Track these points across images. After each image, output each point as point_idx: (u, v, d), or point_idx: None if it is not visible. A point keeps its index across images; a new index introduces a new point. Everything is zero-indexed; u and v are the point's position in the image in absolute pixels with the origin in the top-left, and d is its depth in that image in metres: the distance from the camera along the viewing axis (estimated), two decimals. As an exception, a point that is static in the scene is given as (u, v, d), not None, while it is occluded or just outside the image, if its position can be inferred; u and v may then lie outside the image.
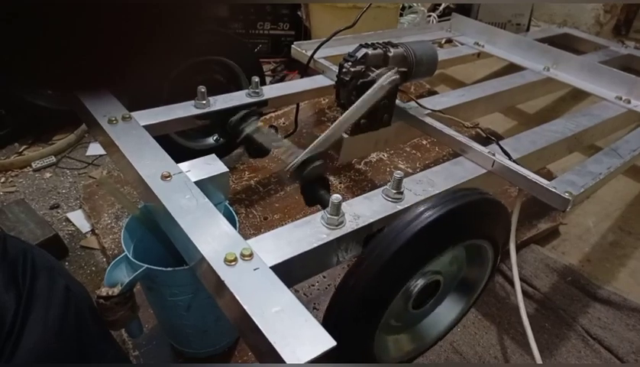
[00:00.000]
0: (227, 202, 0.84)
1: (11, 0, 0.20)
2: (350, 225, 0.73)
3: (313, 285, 1.06)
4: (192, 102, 1.07)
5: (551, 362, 0.94)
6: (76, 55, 0.23)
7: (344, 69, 1.01)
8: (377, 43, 1.06)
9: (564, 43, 2.17)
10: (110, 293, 0.68)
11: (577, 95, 1.91)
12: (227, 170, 0.83)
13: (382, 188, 0.82)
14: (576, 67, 1.59)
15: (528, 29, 2.50)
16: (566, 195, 0.86)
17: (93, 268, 1.12)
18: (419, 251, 0.68)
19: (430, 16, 2.49)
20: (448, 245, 0.70)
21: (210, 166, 0.84)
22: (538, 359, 0.84)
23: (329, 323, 0.67)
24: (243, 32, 2.07)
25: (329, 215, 0.72)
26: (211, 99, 1.09)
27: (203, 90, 1.07)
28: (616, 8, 2.50)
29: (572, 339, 0.99)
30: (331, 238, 0.70)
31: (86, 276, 1.10)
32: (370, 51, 1.01)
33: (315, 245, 0.69)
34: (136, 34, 0.24)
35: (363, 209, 0.77)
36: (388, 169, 1.45)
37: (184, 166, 0.82)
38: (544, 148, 1.07)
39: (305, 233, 0.71)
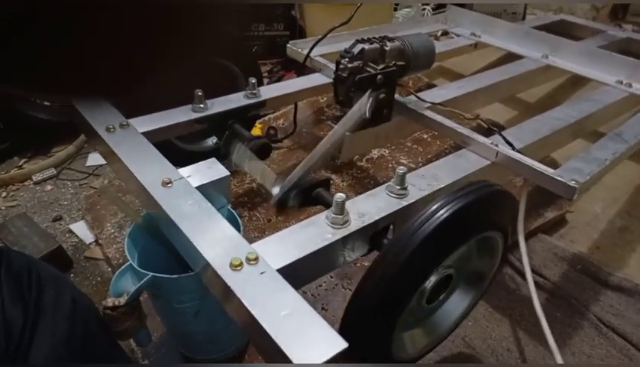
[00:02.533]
0: (230, 206, 0.83)
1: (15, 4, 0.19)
2: (355, 224, 0.72)
3: (320, 285, 1.05)
4: (190, 106, 1.06)
5: (567, 355, 0.93)
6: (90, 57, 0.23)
7: (341, 66, 1.00)
8: (374, 38, 1.04)
9: (562, 30, 2.15)
10: (116, 303, 0.67)
11: (578, 82, 1.90)
12: (229, 173, 0.82)
13: (385, 185, 0.81)
14: (575, 53, 1.58)
15: (524, 18, 2.48)
16: (572, 183, 0.84)
17: (99, 279, 1.12)
18: (435, 250, 0.67)
19: (424, 9, 2.48)
20: (463, 241, 0.70)
21: (211, 170, 0.83)
22: (554, 349, 0.83)
23: (347, 329, 0.66)
24: (237, 34, 2.06)
25: (334, 215, 0.71)
26: (208, 102, 1.08)
27: (200, 94, 1.06)
28: None
29: (585, 327, 0.98)
30: (337, 237, 0.69)
31: (92, 287, 1.10)
32: (367, 46, 1.00)
33: (321, 245, 0.68)
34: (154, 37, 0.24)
35: (368, 207, 0.76)
36: (390, 165, 1.44)
37: (185, 171, 0.81)
38: (547, 136, 1.06)
39: (310, 234, 0.70)
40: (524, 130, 1.06)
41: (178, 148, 1.22)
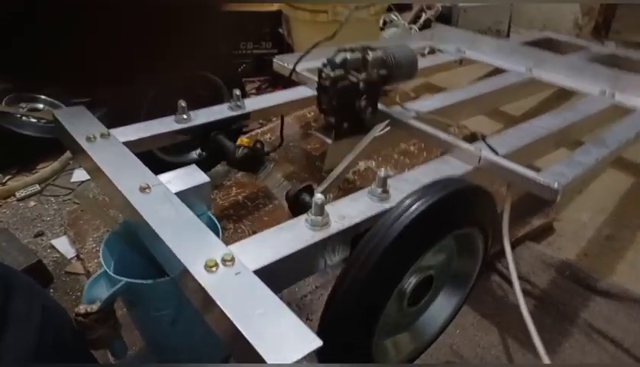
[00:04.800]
0: (210, 213, 0.82)
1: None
2: (335, 226, 0.71)
3: (306, 296, 1.03)
4: (173, 117, 1.06)
5: (557, 359, 0.91)
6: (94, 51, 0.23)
7: (323, 75, 1.01)
8: (356, 47, 1.05)
9: (546, 46, 2.19)
10: (89, 310, 0.65)
11: (562, 96, 1.92)
12: (209, 179, 0.82)
13: (367, 188, 0.80)
14: (558, 67, 1.60)
15: (508, 35, 2.53)
16: (555, 185, 0.84)
17: (79, 294, 1.09)
18: (410, 248, 0.66)
19: (411, 28, 2.52)
20: (438, 238, 0.68)
21: (191, 176, 0.82)
22: (544, 357, 0.81)
23: (324, 336, 0.64)
24: (226, 53, 2.08)
25: (313, 217, 0.70)
26: (192, 113, 1.08)
27: (184, 104, 1.06)
28: (594, 10, 2.54)
29: (575, 334, 0.96)
30: (316, 239, 0.68)
31: (72, 302, 1.07)
32: (349, 55, 1.01)
33: (299, 247, 0.66)
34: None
35: (349, 210, 0.75)
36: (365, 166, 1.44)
37: (165, 177, 0.80)
38: (530, 144, 1.06)
39: (289, 236, 0.69)
40: (508, 137, 1.06)
41: (161, 160, 1.21)
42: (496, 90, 1.44)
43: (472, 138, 1.03)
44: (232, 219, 1.24)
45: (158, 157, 1.20)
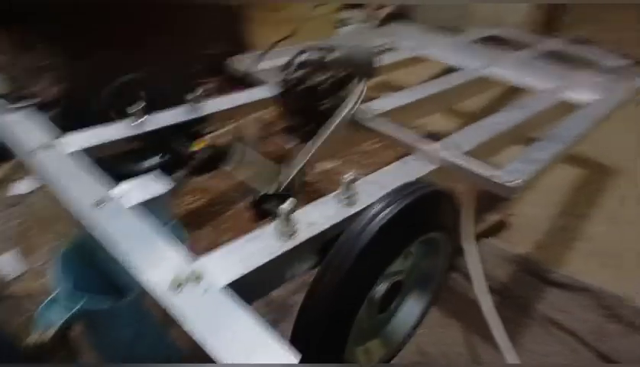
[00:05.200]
0: (174, 222, 0.79)
1: None
2: (302, 235, 0.70)
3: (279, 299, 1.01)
4: (129, 120, 1.01)
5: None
6: None
7: (286, 77, 0.99)
8: (316, 47, 1.04)
9: (498, 42, 2.25)
10: (42, 338, 0.61)
11: (517, 90, 1.98)
12: (170, 187, 0.78)
13: (334, 193, 0.79)
14: (510, 64, 1.65)
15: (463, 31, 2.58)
16: (516, 183, 0.87)
17: (29, 314, 1.02)
18: (378, 256, 0.66)
19: (368, 26, 2.52)
20: (406, 244, 0.69)
21: (151, 185, 0.79)
22: (510, 351, 0.83)
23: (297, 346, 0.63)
24: (181, 53, 2.01)
25: (280, 226, 0.68)
26: (148, 116, 1.04)
27: (140, 107, 1.01)
28: (544, 6, 2.60)
29: (534, 326, 1.00)
30: (284, 250, 0.67)
31: (22, 323, 1.00)
32: (311, 56, 1.00)
33: (268, 259, 0.65)
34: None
35: (316, 216, 0.74)
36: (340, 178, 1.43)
37: (124, 187, 0.76)
38: (487, 142, 1.09)
39: (257, 247, 0.67)
40: (466, 136, 1.08)
41: (120, 168, 1.15)
42: (451, 88, 1.47)
43: (433, 137, 1.04)
44: (192, 227, 1.20)
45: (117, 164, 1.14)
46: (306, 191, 1.36)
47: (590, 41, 2.42)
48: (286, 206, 0.68)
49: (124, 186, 0.76)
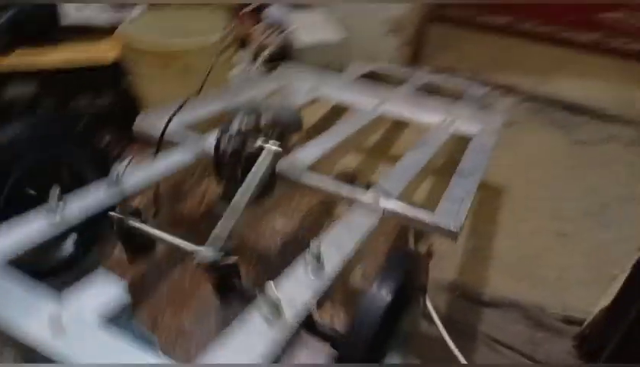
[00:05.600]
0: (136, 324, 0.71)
1: None
2: (292, 319, 0.68)
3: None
4: (43, 208, 0.89)
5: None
6: None
7: (221, 145, 0.96)
8: (246, 110, 1.03)
9: (377, 78, 2.42)
10: None
11: (401, 124, 2.15)
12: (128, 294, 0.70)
13: (302, 262, 0.79)
14: (401, 101, 1.80)
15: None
16: (459, 223, 0.96)
17: None
18: (386, 331, 0.69)
19: (256, 67, 2.53)
20: (406, 309, 0.72)
21: (107, 290, 0.70)
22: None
23: None
24: (57, 110, 1.80)
25: (270, 314, 0.66)
26: (65, 199, 0.92)
27: (56, 193, 0.89)
28: (408, 35, 2.83)
29: (479, 347, 1.09)
30: (278, 337, 0.65)
31: None
32: (245, 122, 0.99)
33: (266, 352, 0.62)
34: None
35: (294, 292, 0.73)
36: (268, 228, 1.41)
37: (76, 299, 0.66)
38: (411, 181, 1.18)
39: (250, 342, 0.63)
40: (394, 178, 1.15)
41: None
42: (360, 129, 1.56)
43: (367, 186, 1.09)
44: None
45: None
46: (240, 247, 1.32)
47: (452, 69, 2.75)
48: (273, 294, 0.66)
49: (77, 296, 0.67)
